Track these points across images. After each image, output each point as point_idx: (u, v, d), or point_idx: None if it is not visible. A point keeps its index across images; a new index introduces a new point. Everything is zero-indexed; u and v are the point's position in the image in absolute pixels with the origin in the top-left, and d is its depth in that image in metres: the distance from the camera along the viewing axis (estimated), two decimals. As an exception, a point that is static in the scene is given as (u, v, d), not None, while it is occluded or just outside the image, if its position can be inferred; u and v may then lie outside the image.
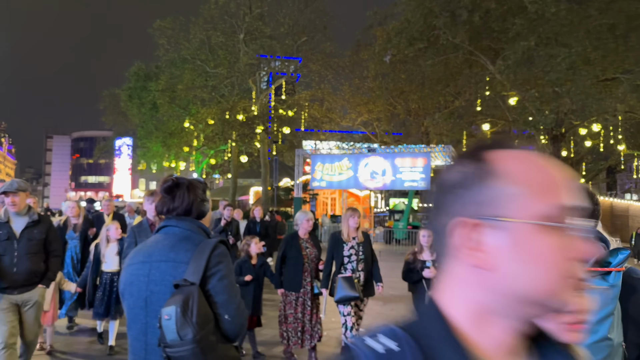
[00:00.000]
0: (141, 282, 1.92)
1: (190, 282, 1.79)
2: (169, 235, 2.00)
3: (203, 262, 1.84)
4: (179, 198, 2.05)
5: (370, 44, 33.90)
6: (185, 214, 2.05)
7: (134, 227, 4.89)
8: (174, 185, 2.08)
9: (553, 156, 3.17)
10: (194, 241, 1.95)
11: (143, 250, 2.02)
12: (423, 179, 21.70)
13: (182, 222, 2.03)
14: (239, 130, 31.16)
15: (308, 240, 5.91)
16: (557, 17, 23.72)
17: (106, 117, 46.83)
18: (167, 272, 1.88)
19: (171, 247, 1.94)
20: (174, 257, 1.91)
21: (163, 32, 34.32)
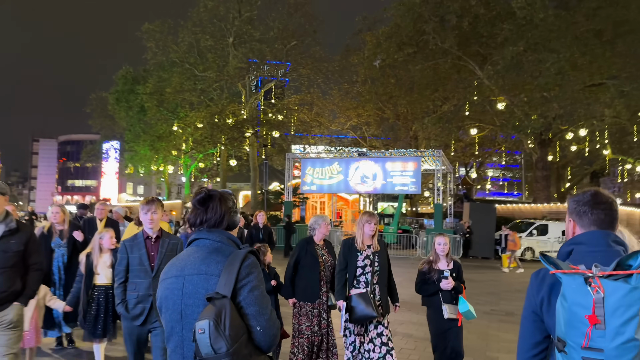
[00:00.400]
0: (176, 296, 1.93)
1: (221, 294, 1.80)
2: (200, 248, 2.02)
3: (234, 273, 1.85)
4: (212, 210, 2.06)
5: (360, 49, 34.00)
6: (217, 225, 2.06)
7: (127, 241, 4.27)
8: (207, 197, 2.08)
9: (540, 160, 9.98)
10: (225, 253, 1.96)
11: (176, 264, 2.03)
12: (414, 183, 21.71)
13: (213, 233, 2.04)
14: (228, 133, 31.03)
15: (323, 247, 5.33)
16: (545, 22, 23.95)
17: (93, 121, 46.61)
18: (200, 285, 1.89)
19: (202, 259, 1.95)
20: (205, 270, 1.92)
21: (151, 36, 34.15)
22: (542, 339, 1.78)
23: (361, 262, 4.85)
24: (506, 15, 26.56)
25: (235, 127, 31.20)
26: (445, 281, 4.89)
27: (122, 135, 46.10)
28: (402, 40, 27.38)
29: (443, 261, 5.10)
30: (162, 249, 4.14)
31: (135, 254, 4.13)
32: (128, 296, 4.11)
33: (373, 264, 4.86)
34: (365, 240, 4.90)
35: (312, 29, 32.32)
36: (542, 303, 1.76)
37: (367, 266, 4.85)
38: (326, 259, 5.20)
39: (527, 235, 22.01)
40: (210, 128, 30.58)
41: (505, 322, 8.66)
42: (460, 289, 4.96)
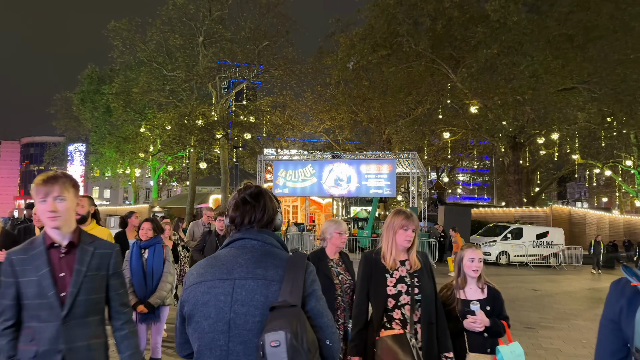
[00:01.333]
0: (222, 302, 1.69)
1: (291, 303, 1.62)
2: (248, 250, 1.79)
3: (300, 280, 1.69)
4: (262, 208, 1.85)
5: (333, 52, 33.66)
6: (267, 226, 1.86)
7: (14, 253, 2.37)
8: (259, 192, 1.88)
9: (512, 164, 13.01)
10: (280, 257, 1.78)
11: (217, 264, 1.77)
12: (388, 186, 21.26)
13: (263, 234, 1.83)
14: (197, 135, 30.11)
15: (339, 263, 3.93)
16: (518, 25, 23.92)
17: (58, 122, 45.14)
18: (257, 292, 1.68)
19: (256, 262, 1.74)
20: (263, 274, 1.71)
21: (118, 34, 32.99)
22: (620, 347, 1.72)
23: (393, 288, 3.08)
24: (480, 18, 26.54)
25: (205, 128, 30.33)
26: (472, 318, 3.26)
27: (87, 137, 44.81)
28: (376, 42, 27.06)
29: (473, 287, 3.48)
30: (81, 266, 2.29)
31: (30, 275, 2.24)
32: (20, 354, 2.22)
33: (411, 290, 3.06)
34: (400, 255, 3.16)
35: (285, 30, 31.73)
36: (620, 312, 1.73)
37: (403, 294, 3.06)
38: (343, 278, 3.79)
39: (501, 239, 21.82)
40: (178, 129, 29.61)
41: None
42: (498, 329, 3.31)
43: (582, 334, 8.36)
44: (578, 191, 78.64)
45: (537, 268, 20.92)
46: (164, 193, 63.70)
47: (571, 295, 13.36)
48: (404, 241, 3.11)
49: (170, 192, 66.28)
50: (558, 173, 48.19)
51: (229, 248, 1.83)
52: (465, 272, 3.47)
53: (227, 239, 1.87)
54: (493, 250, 21.64)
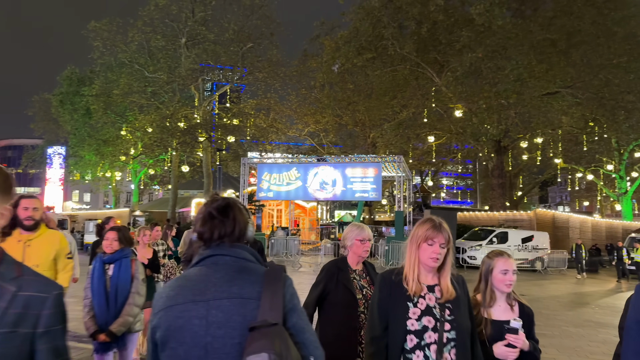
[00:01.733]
0: (196, 326, 1.57)
1: (272, 321, 1.52)
2: (220, 267, 1.67)
3: (279, 296, 1.59)
4: (232, 221, 1.74)
5: (318, 55, 33.48)
6: (239, 239, 1.75)
7: None
8: (227, 205, 1.77)
9: (496, 168, 14.03)
10: (256, 271, 1.67)
11: (188, 286, 1.65)
12: (374, 190, 20.98)
13: (235, 249, 1.72)
14: (179, 138, 29.60)
15: (363, 274, 3.29)
16: (503, 29, 23.98)
17: (36, 124, 44.30)
18: (234, 312, 1.57)
19: (231, 280, 1.63)
20: (239, 293, 1.60)
21: (98, 34, 32.37)
22: None
23: (416, 322, 2.32)
24: (464, 22, 26.58)
25: (188, 131, 29.85)
26: (512, 337, 2.54)
27: (66, 140, 43.98)
28: (361, 45, 26.92)
29: (503, 304, 2.79)
30: None
31: None
32: None
33: (441, 326, 2.31)
34: (425, 277, 2.41)
35: (269, 32, 31.46)
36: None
37: (429, 330, 2.31)
38: (368, 293, 3.12)
39: (487, 243, 21.70)
40: (160, 131, 29.07)
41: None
42: (537, 357, 2.68)
43: (575, 341, 8.17)
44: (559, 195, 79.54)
45: (522, 272, 20.85)
46: (145, 197, 62.83)
47: (559, 301, 13.23)
48: (428, 259, 2.33)
49: (152, 196, 65.36)
50: (540, 177, 48.59)
51: (199, 266, 1.70)
52: (496, 287, 2.77)
53: (196, 257, 1.74)
54: (478, 255, 21.50)
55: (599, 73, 25.05)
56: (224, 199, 1.79)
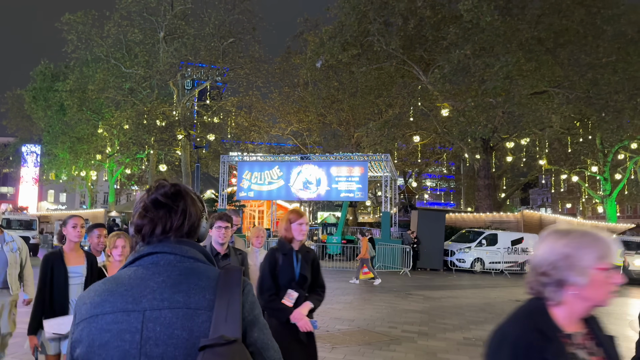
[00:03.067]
0: (127, 343, 1.25)
1: (230, 338, 1.22)
2: (161, 268, 1.34)
3: (237, 304, 1.29)
4: (181, 212, 1.40)
5: (302, 52, 32.69)
6: (189, 235, 1.42)
7: None
8: (176, 192, 1.42)
9: (483, 169, 15.15)
10: (207, 274, 1.34)
11: (118, 291, 1.31)
12: (360, 189, 20.14)
13: (181, 246, 1.38)
14: (156, 135, 28.44)
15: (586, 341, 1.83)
16: (491, 26, 23.40)
17: (9, 121, 42.97)
18: (177, 325, 1.26)
19: (174, 285, 1.30)
20: (185, 301, 1.28)
21: (73, 27, 31.07)
22: None
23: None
24: (452, 19, 26.04)
25: (166, 128, 28.72)
26: None
27: (40, 138, 42.62)
28: (346, 40, 26.13)
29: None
30: None
31: None
32: None
33: None
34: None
35: (251, 26, 30.49)
36: None
37: None
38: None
39: (476, 245, 21.01)
40: (135, 128, 27.90)
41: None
42: None
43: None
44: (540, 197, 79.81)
45: (512, 276, 20.19)
46: (123, 197, 61.33)
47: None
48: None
49: (130, 196, 63.78)
50: (524, 179, 48.44)
51: (135, 267, 1.37)
52: None
53: (131, 255, 1.41)
54: (467, 257, 20.82)
55: (587, 72, 24.66)
56: (173, 184, 1.44)
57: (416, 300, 12.13)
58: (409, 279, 16.87)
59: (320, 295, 3.69)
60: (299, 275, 3.55)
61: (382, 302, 11.51)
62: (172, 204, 1.40)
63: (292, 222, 3.62)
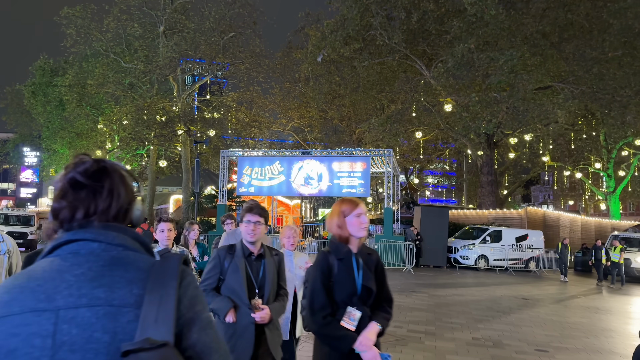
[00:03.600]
0: (37, 349, 1.02)
1: (157, 342, 1.01)
2: (81, 259, 1.12)
3: (170, 301, 1.07)
4: (108, 192, 1.19)
5: (303, 47, 32.34)
6: (117, 219, 1.21)
7: None
8: (100, 169, 1.21)
9: (486, 165, 15.61)
10: (137, 264, 1.12)
11: (28, 287, 1.09)
12: (362, 185, 19.80)
13: (107, 232, 1.16)
14: (156, 130, 28.10)
15: None
16: (496, 20, 23.02)
17: (8, 117, 42.73)
18: (97, 327, 1.04)
19: (95, 278, 1.09)
20: (107, 297, 1.06)
21: (72, 21, 30.70)
22: None
23: None
24: (455, 13, 25.65)
25: (166, 123, 28.39)
26: None
27: (39, 133, 42.41)
28: (348, 34, 25.74)
29: None
30: None
31: None
32: None
33: None
34: None
35: (252, 21, 30.09)
36: None
37: None
38: None
39: (480, 242, 20.68)
40: (134, 123, 27.57)
41: (501, 358, 6.75)
42: None
43: (604, 356, 7.06)
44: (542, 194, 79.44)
45: (517, 273, 19.87)
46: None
47: (566, 305, 12.18)
48: None
49: (131, 192, 63.72)
50: (526, 176, 48.18)
51: (51, 257, 1.14)
52: None
53: (49, 244, 1.17)
54: (471, 254, 20.49)
55: (592, 67, 24.27)
56: (96, 160, 1.21)
57: (421, 298, 11.82)
58: (413, 277, 16.56)
59: (388, 312, 2.80)
60: (361, 287, 2.69)
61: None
62: (95, 184, 1.18)
63: (347, 215, 2.75)
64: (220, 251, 3.41)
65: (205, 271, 3.43)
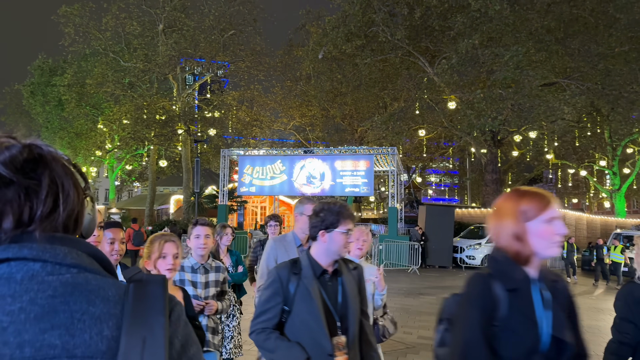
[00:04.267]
0: None
1: None
2: (18, 287, 0.77)
3: (160, 345, 0.76)
4: (48, 190, 0.83)
5: (304, 45, 32.01)
6: (66, 228, 0.86)
7: None
8: (37, 158, 0.84)
9: (490, 163, 14.94)
10: (103, 294, 0.80)
11: None
12: (366, 184, 19.40)
13: (54, 247, 0.81)
14: (156, 130, 27.75)
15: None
16: (500, 16, 22.64)
17: (7, 117, 42.53)
18: None
19: (42, 316, 0.75)
20: (63, 345, 0.73)
21: (70, 20, 30.36)
22: None
23: None
24: (459, 8, 25.27)
25: (165, 122, 28.05)
26: None
27: (39, 133, 42.13)
28: (350, 31, 25.38)
29: None
30: None
31: None
32: None
33: None
34: None
35: (253, 18, 29.73)
36: None
37: None
38: None
39: (487, 242, 20.25)
40: (134, 123, 27.23)
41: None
42: None
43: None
44: (546, 192, 79.11)
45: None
46: (124, 194, 60.86)
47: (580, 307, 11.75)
48: None
49: (132, 192, 63.29)
50: (529, 174, 47.82)
51: None
52: None
53: None
54: (477, 254, 20.09)
55: (598, 63, 23.90)
56: (26, 145, 0.83)
57: (429, 301, 11.43)
58: (418, 278, 16.17)
59: None
60: (549, 338, 1.63)
61: (392, 303, 10.80)
62: (28, 178, 0.81)
63: (532, 219, 1.70)
64: (280, 271, 2.41)
65: (261, 301, 2.42)
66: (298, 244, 3.48)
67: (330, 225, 2.37)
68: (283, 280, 2.35)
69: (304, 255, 2.43)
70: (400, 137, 27.66)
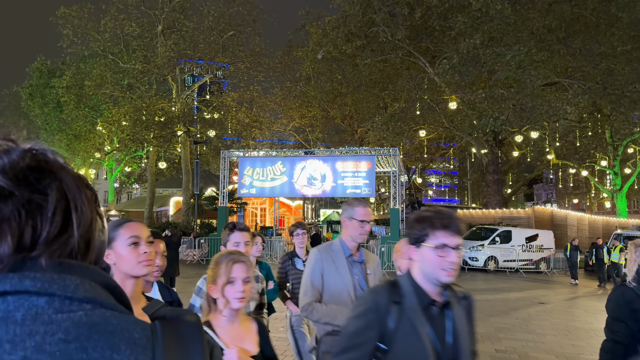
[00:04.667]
0: None
1: None
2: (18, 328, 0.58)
3: None
4: (56, 206, 0.65)
5: (303, 46, 31.83)
6: (78, 254, 0.68)
7: None
8: (36, 167, 0.65)
9: (492, 164, 16.59)
10: (128, 335, 0.63)
11: None
12: (367, 185, 19.22)
13: (63, 277, 0.63)
14: (155, 131, 27.55)
15: None
16: (501, 15, 22.46)
17: (6, 120, 42.34)
18: None
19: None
20: None
21: (68, 21, 30.16)
22: None
23: None
24: (459, 8, 25.10)
25: (165, 124, 27.85)
26: None
27: (38, 135, 41.96)
28: (350, 31, 25.19)
29: None
30: None
31: None
32: None
33: None
34: None
35: (252, 19, 29.55)
36: None
37: None
38: None
39: (489, 243, 20.08)
40: (132, 124, 27.03)
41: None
42: None
43: None
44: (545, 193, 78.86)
45: (527, 275, 19.28)
46: (123, 196, 60.65)
47: (585, 310, 11.59)
48: None
49: (131, 194, 63.06)
50: (530, 175, 47.65)
51: None
52: None
53: None
54: (480, 256, 19.90)
55: (600, 63, 23.73)
56: (29, 150, 0.65)
57: (433, 303, 11.24)
58: None
59: None
60: None
61: (396, 306, 10.63)
62: (32, 191, 0.63)
63: None
64: (378, 297, 1.86)
65: (348, 333, 1.88)
66: (348, 254, 2.99)
67: (419, 238, 1.85)
68: (381, 309, 1.82)
69: (406, 278, 1.89)
70: (400, 137, 27.48)
